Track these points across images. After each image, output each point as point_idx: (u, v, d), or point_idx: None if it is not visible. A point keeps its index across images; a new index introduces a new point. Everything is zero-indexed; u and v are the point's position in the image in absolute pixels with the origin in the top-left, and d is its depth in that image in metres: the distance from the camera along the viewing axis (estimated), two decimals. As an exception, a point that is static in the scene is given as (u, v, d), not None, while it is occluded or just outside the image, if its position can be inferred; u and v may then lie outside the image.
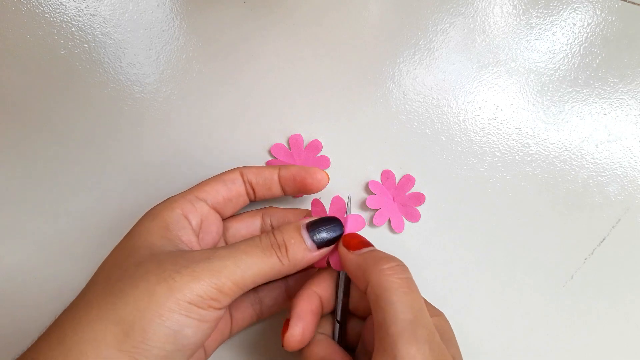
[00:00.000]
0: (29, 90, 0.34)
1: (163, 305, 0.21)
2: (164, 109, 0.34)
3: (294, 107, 0.35)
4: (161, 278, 0.22)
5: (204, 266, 0.22)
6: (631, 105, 0.35)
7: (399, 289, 0.23)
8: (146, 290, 0.21)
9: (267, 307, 0.31)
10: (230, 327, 0.30)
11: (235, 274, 0.23)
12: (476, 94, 0.35)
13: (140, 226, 0.27)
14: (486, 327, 0.33)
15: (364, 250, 0.26)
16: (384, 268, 0.24)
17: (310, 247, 0.25)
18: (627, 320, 0.33)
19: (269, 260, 0.24)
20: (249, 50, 0.35)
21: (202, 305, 0.22)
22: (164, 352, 0.21)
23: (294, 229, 0.26)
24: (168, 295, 0.21)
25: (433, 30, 0.35)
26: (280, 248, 0.25)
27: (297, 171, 0.30)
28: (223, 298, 0.23)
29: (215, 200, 0.29)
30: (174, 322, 0.21)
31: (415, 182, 0.34)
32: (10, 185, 0.34)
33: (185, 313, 0.21)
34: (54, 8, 0.35)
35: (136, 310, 0.21)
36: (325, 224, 0.26)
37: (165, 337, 0.21)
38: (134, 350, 0.20)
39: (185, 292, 0.21)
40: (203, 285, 0.22)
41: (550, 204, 0.34)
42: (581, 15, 0.35)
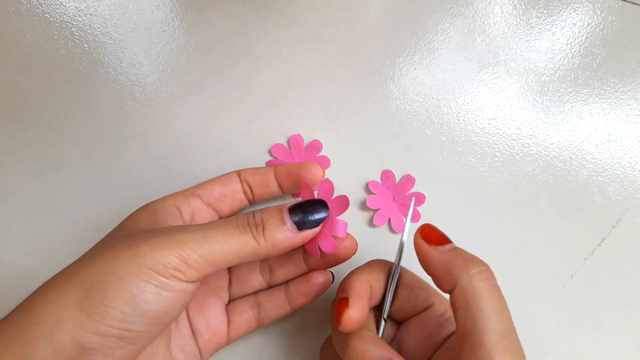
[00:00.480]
0: (29, 90, 0.34)
1: (124, 269, 0.21)
2: (164, 109, 0.34)
3: (294, 107, 0.35)
4: (127, 246, 0.22)
5: (170, 236, 0.23)
6: (631, 105, 0.35)
7: (492, 297, 0.22)
8: (111, 256, 0.22)
9: (266, 311, 0.30)
10: (227, 331, 0.29)
11: (202, 246, 0.23)
12: (476, 94, 0.35)
13: (131, 215, 0.28)
14: (486, 327, 0.33)
15: (447, 247, 0.24)
16: (474, 272, 0.23)
17: (290, 228, 0.25)
18: (627, 320, 0.33)
19: (241, 237, 0.24)
20: (249, 50, 0.35)
21: (164, 274, 0.22)
22: (122, 314, 0.21)
23: (275, 209, 0.25)
24: (130, 261, 0.22)
25: (433, 30, 0.35)
26: (257, 227, 0.24)
27: (292, 166, 0.30)
28: (188, 270, 0.22)
29: (210, 196, 0.29)
30: (133, 285, 0.21)
31: (415, 182, 0.34)
32: (10, 185, 0.34)
33: (146, 278, 0.22)
34: (54, 8, 0.35)
35: (98, 272, 0.22)
36: (309, 206, 0.25)
37: (124, 299, 0.21)
38: (93, 311, 0.21)
39: (148, 258, 0.22)
40: (166, 253, 0.22)
41: (550, 204, 0.34)
42: (581, 15, 0.35)
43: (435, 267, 0.24)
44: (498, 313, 0.22)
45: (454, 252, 0.24)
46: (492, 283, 0.23)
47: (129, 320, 0.21)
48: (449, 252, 0.24)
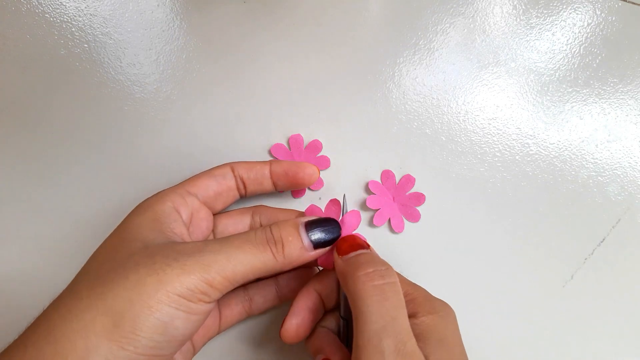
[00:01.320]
0: (29, 90, 0.34)
1: (153, 297, 0.21)
2: (164, 109, 0.34)
3: (294, 107, 0.35)
4: (152, 270, 0.22)
5: (194, 260, 0.22)
6: (631, 105, 0.35)
7: (372, 297, 0.22)
8: (136, 282, 0.21)
9: (256, 305, 0.31)
10: (218, 324, 0.30)
11: (226, 269, 0.23)
12: (476, 94, 0.35)
13: (131, 219, 0.27)
14: (486, 327, 0.33)
15: (351, 254, 0.25)
16: (360, 275, 0.23)
17: (307, 247, 0.25)
18: (627, 320, 0.33)
19: (262, 255, 0.24)
20: (249, 50, 0.35)
21: (191, 299, 0.22)
22: (153, 342, 0.21)
23: (292, 226, 0.25)
24: (158, 287, 0.21)
25: (433, 30, 0.35)
26: (276, 244, 0.24)
27: (289, 166, 0.30)
28: (213, 292, 0.23)
29: (206, 194, 0.29)
30: (163, 313, 0.21)
31: (415, 182, 0.34)
32: (10, 185, 0.34)
33: (175, 305, 0.22)
34: (54, 8, 0.35)
35: (126, 300, 0.21)
36: (324, 225, 0.26)
37: (155, 328, 0.21)
38: (124, 340, 0.21)
39: (175, 284, 0.22)
40: (193, 278, 0.22)
41: (550, 204, 0.34)
42: (581, 15, 0.35)
43: (338, 275, 0.25)
44: (374, 312, 0.22)
45: (353, 258, 0.25)
46: (377, 283, 0.23)
47: (158, 346, 0.22)
48: (349, 259, 0.25)
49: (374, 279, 0.23)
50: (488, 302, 0.33)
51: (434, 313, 0.26)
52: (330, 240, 0.26)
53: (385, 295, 0.23)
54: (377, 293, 0.23)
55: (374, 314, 0.22)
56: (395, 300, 0.23)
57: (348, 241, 0.26)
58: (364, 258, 0.25)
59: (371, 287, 0.23)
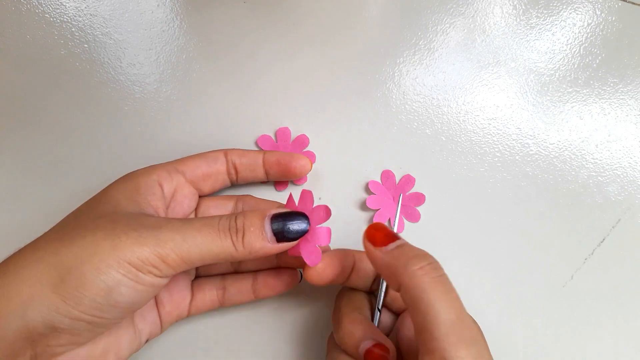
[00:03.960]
0: (29, 90, 0.34)
1: (103, 260, 0.22)
2: (164, 109, 0.34)
3: (294, 107, 0.35)
4: (108, 234, 0.22)
5: (152, 233, 0.23)
6: (631, 105, 0.35)
7: (436, 289, 0.22)
8: (91, 243, 0.22)
9: (230, 295, 0.30)
10: (189, 305, 0.30)
11: (181, 248, 0.23)
12: (476, 94, 0.35)
13: (113, 185, 0.27)
14: (486, 327, 0.33)
15: (392, 246, 0.24)
16: (415, 269, 0.23)
17: (269, 239, 0.25)
18: (627, 320, 0.33)
19: (221, 242, 0.24)
20: (249, 50, 0.35)
21: (141, 269, 0.22)
22: (95, 303, 0.22)
23: (257, 217, 0.25)
24: (110, 252, 0.22)
25: (433, 31, 0.35)
26: (237, 233, 0.24)
27: (282, 156, 0.31)
28: (165, 268, 0.23)
29: (194, 174, 0.29)
30: (109, 277, 0.22)
31: (415, 182, 0.34)
32: (10, 186, 0.34)
33: (123, 272, 0.22)
34: (54, 8, 0.35)
35: (77, 258, 0.22)
36: (291, 218, 0.25)
37: (99, 289, 0.22)
38: (67, 295, 0.21)
39: (127, 252, 0.22)
40: (146, 250, 0.22)
41: (550, 204, 0.34)
42: (581, 15, 0.35)
43: (382, 269, 0.25)
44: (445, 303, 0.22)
45: (398, 250, 0.24)
46: (434, 275, 0.23)
47: (101, 308, 0.22)
48: (393, 251, 0.24)
49: (431, 272, 0.23)
50: (488, 302, 0.33)
51: None
52: (294, 234, 0.25)
53: (447, 287, 0.23)
54: (441, 284, 0.23)
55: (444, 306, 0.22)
56: (455, 291, 0.23)
57: (382, 231, 0.25)
58: (410, 251, 0.24)
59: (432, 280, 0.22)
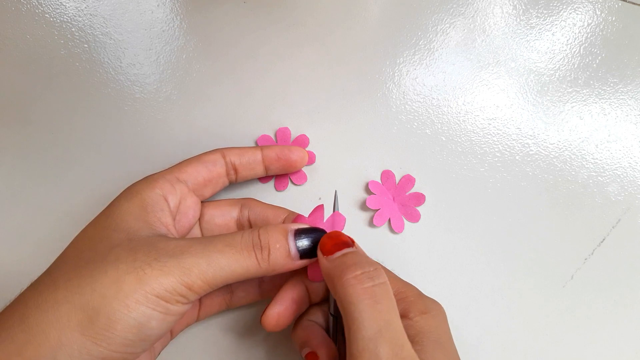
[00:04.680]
0: (29, 90, 0.34)
1: (130, 297, 0.21)
2: (164, 109, 0.34)
3: (294, 107, 0.35)
4: (131, 268, 0.22)
5: (175, 261, 0.22)
6: (631, 105, 0.35)
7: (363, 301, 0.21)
8: (115, 279, 0.21)
9: (237, 298, 0.30)
10: (197, 313, 0.30)
11: (207, 273, 0.22)
12: (476, 94, 0.35)
13: (118, 205, 0.26)
14: (486, 327, 0.33)
15: (337, 254, 0.24)
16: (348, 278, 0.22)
17: (294, 256, 0.24)
18: (627, 320, 0.33)
19: (245, 261, 0.23)
20: (249, 50, 0.35)
21: (169, 300, 0.22)
22: (127, 340, 0.21)
23: (281, 233, 0.25)
24: (136, 287, 0.21)
25: (433, 31, 0.35)
26: (262, 250, 0.24)
27: (280, 150, 0.31)
28: (191, 295, 0.23)
29: (196, 181, 0.29)
30: (139, 313, 0.21)
31: (415, 182, 0.34)
32: (10, 186, 0.34)
33: (152, 306, 0.21)
34: (54, 8, 0.35)
35: (103, 297, 0.21)
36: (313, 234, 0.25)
37: (130, 327, 0.21)
38: (97, 337, 0.21)
39: (154, 285, 0.21)
40: (172, 281, 0.22)
41: (550, 204, 0.34)
42: (581, 15, 0.35)
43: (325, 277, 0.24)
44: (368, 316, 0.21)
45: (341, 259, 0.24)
46: (366, 286, 0.22)
47: (132, 345, 0.22)
48: (336, 259, 0.24)
49: (363, 281, 0.22)
50: (488, 302, 0.33)
51: (426, 312, 0.25)
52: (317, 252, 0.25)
53: (376, 298, 0.22)
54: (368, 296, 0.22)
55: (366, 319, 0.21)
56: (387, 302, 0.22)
57: (332, 239, 0.25)
58: (350, 259, 0.23)
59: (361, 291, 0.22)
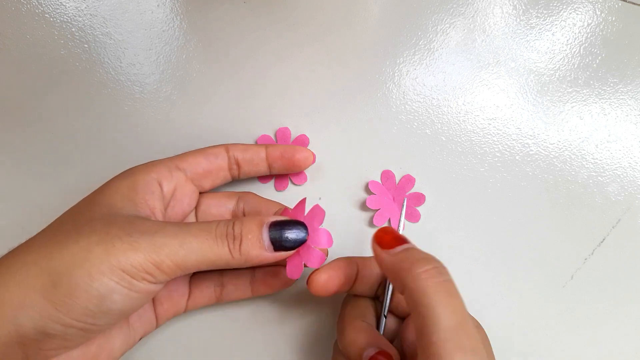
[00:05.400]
0: (29, 90, 0.34)
1: (95, 267, 0.21)
2: (164, 109, 0.34)
3: (294, 107, 0.35)
4: (102, 239, 0.22)
5: (147, 238, 0.22)
6: (631, 105, 0.35)
7: (439, 293, 0.22)
8: (84, 248, 0.22)
9: (227, 292, 0.30)
10: (186, 302, 0.30)
11: (177, 254, 0.22)
12: (476, 94, 0.35)
13: (110, 183, 0.27)
14: (486, 327, 0.33)
15: (398, 249, 0.24)
16: (419, 272, 0.22)
17: (267, 247, 0.24)
18: (627, 320, 0.33)
19: (218, 249, 0.23)
20: (249, 50, 0.35)
21: (134, 276, 0.22)
22: (87, 310, 0.21)
23: (255, 223, 0.25)
24: (103, 258, 0.21)
25: (433, 31, 0.35)
26: (234, 240, 0.24)
27: (285, 149, 0.31)
28: (159, 274, 0.22)
29: (195, 171, 0.29)
30: (101, 284, 0.21)
31: (415, 182, 0.34)
32: (10, 186, 0.34)
33: (116, 279, 0.21)
34: (54, 8, 0.35)
35: (69, 264, 0.21)
36: (289, 227, 0.25)
37: (91, 297, 0.21)
38: (58, 302, 0.21)
39: (121, 258, 0.21)
40: (140, 256, 0.22)
41: (550, 204, 0.34)
42: (581, 15, 0.35)
43: (387, 271, 0.24)
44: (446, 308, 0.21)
45: (404, 253, 0.24)
46: (439, 280, 0.22)
47: (93, 315, 0.22)
48: (399, 254, 0.24)
49: (435, 275, 0.22)
50: (488, 302, 0.33)
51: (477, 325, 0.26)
52: (292, 244, 0.25)
53: (450, 292, 0.22)
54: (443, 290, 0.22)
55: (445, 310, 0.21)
56: (459, 296, 0.22)
57: (390, 234, 0.25)
58: (416, 254, 0.24)
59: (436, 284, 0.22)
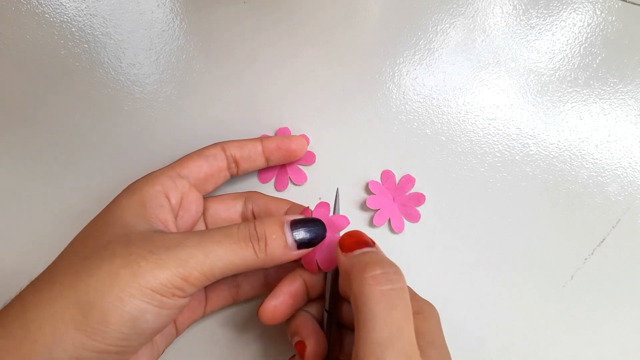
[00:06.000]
0: (29, 90, 0.34)
1: (124, 290, 0.21)
2: (164, 109, 0.34)
3: (294, 107, 0.35)
4: (126, 261, 0.21)
5: (171, 254, 0.22)
6: (631, 105, 0.35)
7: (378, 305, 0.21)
8: (109, 273, 0.21)
9: (244, 291, 0.30)
10: (204, 307, 0.30)
11: (204, 264, 0.22)
12: (476, 94, 0.35)
13: (117, 201, 0.26)
14: (486, 327, 0.33)
15: (357, 252, 0.24)
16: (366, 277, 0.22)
17: (291, 246, 0.24)
18: (627, 320, 0.33)
19: (242, 252, 0.23)
20: (249, 50, 0.35)
21: (165, 294, 0.22)
22: (121, 334, 0.21)
23: (277, 224, 0.25)
24: (131, 281, 0.21)
25: (433, 31, 0.35)
26: (259, 241, 0.24)
27: (281, 140, 0.31)
28: (188, 287, 0.22)
29: (197, 176, 0.29)
30: (134, 307, 0.21)
31: (415, 182, 0.34)
32: (10, 186, 0.34)
33: (147, 300, 0.21)
34: (54, 8, 0.35)
35: (97, 292, 0.21)
36: (309, 225, 0.25)
37: (124, 321, 0.21)
38: (92, 331, 0.21)
39: (149, 278, 0.21)
40: (168, 273, 0.21)
41: (550, 204, 0.34)
42: (581, 15, 0.35)
43: (341, 273, 0.24)
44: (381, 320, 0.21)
45: (359, 256, 0.23)
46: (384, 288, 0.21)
47: (127, 338, 0.21)
48: (355, 257, 0.24)
49: (381, 282, 0.21)
50: (488, 302, 0.33)
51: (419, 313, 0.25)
52: (314, 241, 0.25)
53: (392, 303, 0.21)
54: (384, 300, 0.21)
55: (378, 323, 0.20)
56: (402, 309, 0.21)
57: (353, 237, 0.25)
58: (371, 257, 0.23)
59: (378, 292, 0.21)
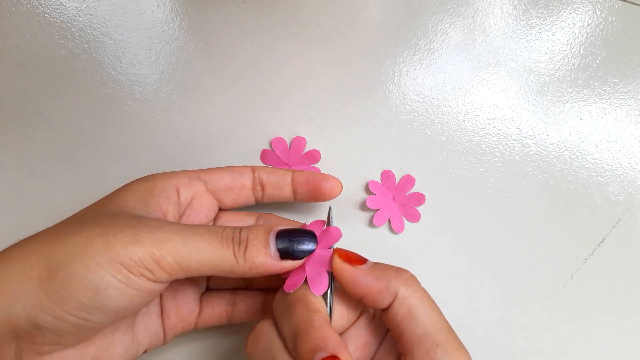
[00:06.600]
0: (29, 90, 0.34)
1: (93, 259, 0.20)
2: (164, 109, 0.34)
3: (294, 107, 0.35)
4: (104, 231, 0.21)
5: (150, 232, 0.21)
6: (631, 105, 0.35)
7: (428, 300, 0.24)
8: (85, 239, 0.21)
9: (239, 312, 0.29)
10: (196, 319, 0.29)
11: (180, 251, 0.22)
12: (476, 94, 0.35)
13: (128, 185, 0.26)
14: (486, 327, 0.33)
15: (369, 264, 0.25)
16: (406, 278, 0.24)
17: (272, 255, 0.23)
18: (627, 320, 0.33)
19: (222, 251, 0.23)
20: (249, 50, 0.35)
21: (133, 271, 0.21)
22: (81, 304, 0.21)
23: (262, 231, 0.24)
24: (103, 250, 0.21)
25: (433, 31, 0.35)
26: (240, 244, 0.23)
27: (311, 175, 0.30)
28: (159, 271, 0.21)
29: (216, 184, 0.29)
30: (97, 277, 0.20)
31: (415, 182, 0.34)
32: (10, 186, 0.34)
33: (113, 272, 0.21)
34: (54, 8, 0.35)
35: (67, 254, 0.21)
36: (295, 234, 0.24)
37: (85, 289, 0.20)
38: (53, 293, 0.20)
39: (120, 251, 0.21)
40: (141, 250, 0.21)
41: (550, 204, 0.34)
42: (581, 15, 0.35)
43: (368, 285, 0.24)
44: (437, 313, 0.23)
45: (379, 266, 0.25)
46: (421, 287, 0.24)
47: (86, 310, 0.21)
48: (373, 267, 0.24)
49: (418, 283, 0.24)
50: (488, 301, 0.33)
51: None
52: (299, 252, 0.24)
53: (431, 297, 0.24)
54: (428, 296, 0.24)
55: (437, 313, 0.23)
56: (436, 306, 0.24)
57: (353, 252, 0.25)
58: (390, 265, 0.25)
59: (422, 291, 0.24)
